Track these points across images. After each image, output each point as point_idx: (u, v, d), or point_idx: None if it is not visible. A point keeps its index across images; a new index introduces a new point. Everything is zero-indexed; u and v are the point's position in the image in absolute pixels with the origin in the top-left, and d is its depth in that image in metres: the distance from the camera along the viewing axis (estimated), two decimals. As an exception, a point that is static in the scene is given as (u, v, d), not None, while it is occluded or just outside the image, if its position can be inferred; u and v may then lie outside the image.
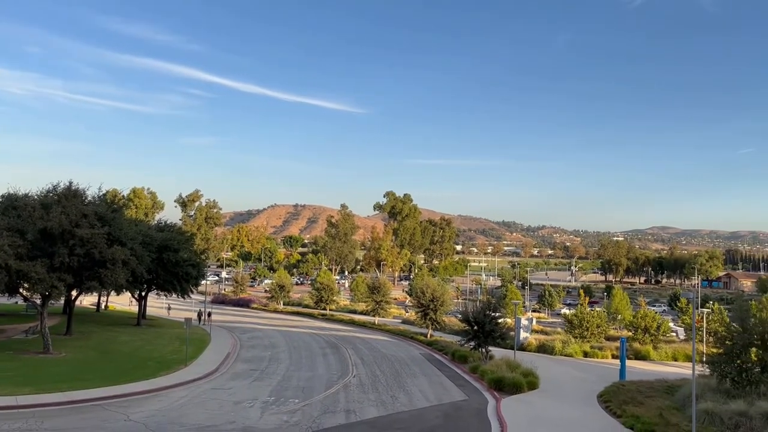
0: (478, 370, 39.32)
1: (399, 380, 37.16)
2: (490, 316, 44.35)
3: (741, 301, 42.82)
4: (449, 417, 28.24)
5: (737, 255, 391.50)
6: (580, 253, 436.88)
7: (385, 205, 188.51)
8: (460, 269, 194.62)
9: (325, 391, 32.87)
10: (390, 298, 76.10)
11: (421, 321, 58.90)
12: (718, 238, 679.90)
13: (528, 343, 55.08)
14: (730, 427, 28.19)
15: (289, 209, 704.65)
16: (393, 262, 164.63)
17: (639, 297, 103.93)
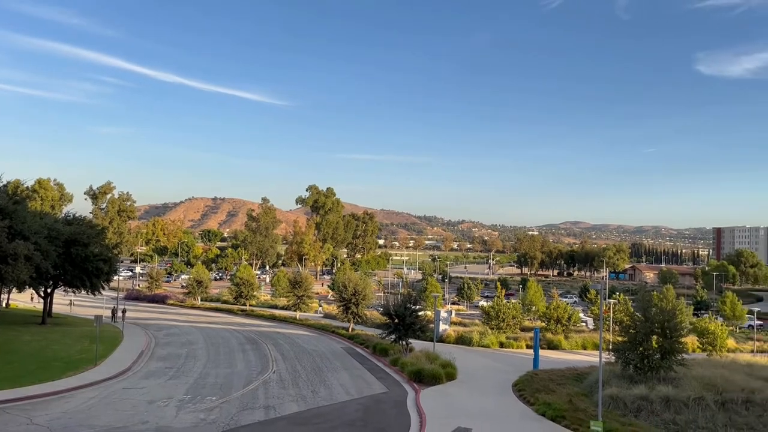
0: (399, 362, 39.78)
1: (320, 375, 37.03)
2: (411, 309, 44.92)
3: (644, 292, 45.64)
4: (369, 410, 28.43)
5: (642, 248, 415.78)
6: (497, 247, 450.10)
7: (308, 199, 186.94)
8: (382, 263, 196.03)
9: (244, 387, 32.29)
10: (312, 293, 75.65)
11: (342, 315, 58.93)
12: (625, 232, 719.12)
13: (447, 335, 56.23)
14: (633, 410, 29.96)
15: (207, 202, 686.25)
16: (315, 257, 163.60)
17: (552, 289, 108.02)
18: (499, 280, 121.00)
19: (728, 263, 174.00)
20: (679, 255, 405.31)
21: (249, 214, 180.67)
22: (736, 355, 50.70)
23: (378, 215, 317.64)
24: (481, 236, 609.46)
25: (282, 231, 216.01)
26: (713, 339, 50.53)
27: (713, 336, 50.63)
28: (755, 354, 52.87)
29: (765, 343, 60.11)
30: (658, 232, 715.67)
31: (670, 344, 35.70)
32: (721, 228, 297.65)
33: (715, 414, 29.41)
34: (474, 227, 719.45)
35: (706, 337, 51.13)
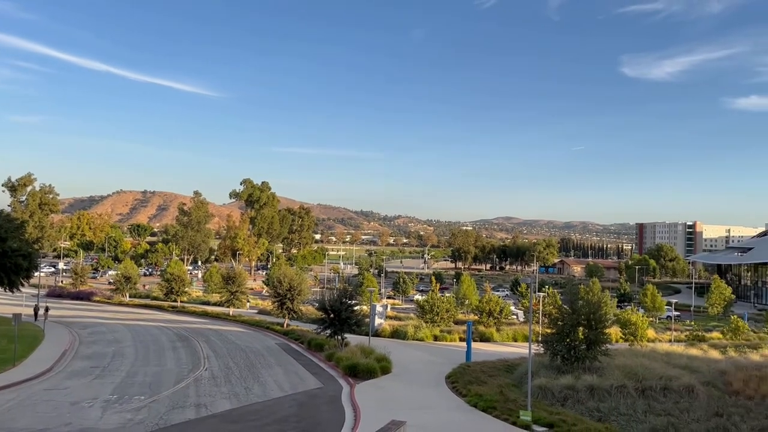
0: (334, 357, 39.72)
1: (253, 371, 36.52)
2: (347, 303, 44.90)
3: (571, 286, 47.29)
4: (304, 405, 28.28)
5: (570, 243, 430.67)
6: (432, 241, 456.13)
7: (242, 193, 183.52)
8: (318, 258, 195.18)
9: (174, 386, 31.47)
10: (246, 288, 74.42)
11: (277, 311, 58.26)
12: (554, 227, 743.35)
13: (382, 329, 56.56)
14: (560, 399, 31.05)
15: (137, 196, 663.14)
16: (250, 252, 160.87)
17: (485, 283, 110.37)
18: (433, 275, 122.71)
19: (649, 257, 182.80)
20: (604, 249, 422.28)
21: (180, 208, 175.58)
22: (655, 344, 53.27)
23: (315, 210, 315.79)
24: (417, 231, 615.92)
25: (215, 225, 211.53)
26: (635, 329, 52.91)
27: (635, 327, 53.00)
28: (673, 343, 55.74)
29: (682, 333, 63.49)
30: (586, 227, 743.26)
31: (595, 335, 37.14)
32: (643, 224, 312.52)
33: (635, 401, 30.87)
34: (410, 222, 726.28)
35: (628, 327, 53.48)
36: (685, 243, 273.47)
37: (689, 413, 28.72)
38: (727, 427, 26.45)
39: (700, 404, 30.66)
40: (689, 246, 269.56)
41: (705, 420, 27.51)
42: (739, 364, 40.90)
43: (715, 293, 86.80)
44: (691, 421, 27.22)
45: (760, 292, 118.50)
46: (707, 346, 52.51)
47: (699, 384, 33.89)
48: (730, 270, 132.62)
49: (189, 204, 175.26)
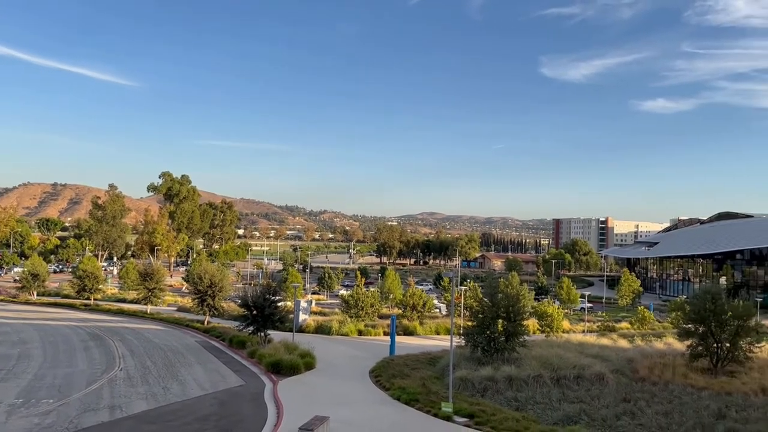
0: (257, 354, 39.13)
1: (172, 370, 35.40)
2: (270, 299, 44.32)
3: (491, 279, 48.60)
4: (225, 404, 27.70)
5: (491, 238, 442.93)
6: (358, 236, 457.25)
7: (161, 187, 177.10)
8: (241, 254, 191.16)
9: (87, 387, 30.03)
10: (164, 285, 72.01)
11: (198, 308, 56.71)
12: (476, 223, 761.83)
13: (307, 324, 56.20)
14: (480, 390, 31.91)
15: (46, 188, 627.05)
16: (169, 247, 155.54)
17: (409, 277, 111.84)
18: (359, 270, 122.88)
19: (565, 251, 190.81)
20: (523, 244, 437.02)
21: (94, 202, 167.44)
22: (570, 335, 55.64)
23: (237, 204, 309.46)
24: (343, 226, 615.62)
25: (132, 220, 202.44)
26: (551, 321, 55.04)
27: (551, 318, 55.13)
28: (586, 334, 58.41)
29: (594, 324, 66.62)
30: (506, 223, 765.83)
31: (513, 327, 38.40)
32: (559, 219, 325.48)
33: (551, 390, 32.16)
34: (336, 217, 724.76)
35: (544, 319, 55.55)
36: (598, 238, 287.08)
37: (600, 400, 30.21)
38: (634, 411, 28.01)
39: (609, 391, 32.29)
40: (602, 241, 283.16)
41: (614, 405, 29.01)
42: (645, 352, 43.40)
43: (624, 285, 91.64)
44: (601, 407, 28.63)
45: (664, 284, 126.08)
46: (617, 335, 55.34)
47: (609, 372, 35.69)
48: (638, 263, 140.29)
49: (104, 197, 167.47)
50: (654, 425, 25.78)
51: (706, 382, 34.68)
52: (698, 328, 39.00)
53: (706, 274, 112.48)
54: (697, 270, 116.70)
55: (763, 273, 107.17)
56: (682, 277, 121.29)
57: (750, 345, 38.55)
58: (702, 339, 38.53)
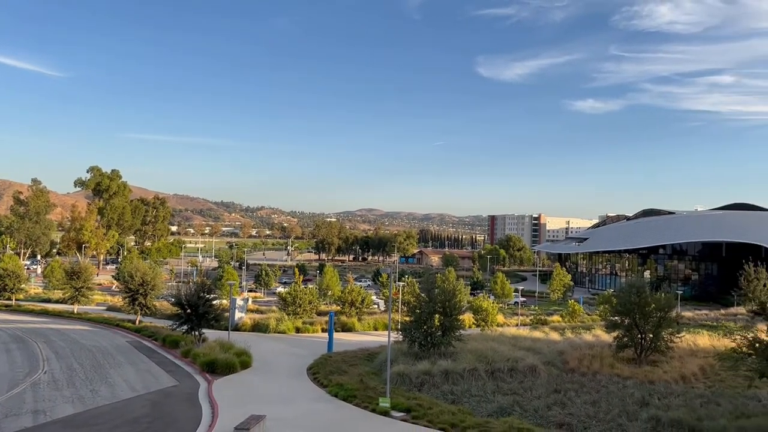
0: (191, 353, 38.23)
1: (101, 372, 34.12)
2: (205, 298, 43.40)
3: (429, 275, 49.05)
4: (157, 405, 26.95)
5: (429, 234, 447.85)
6: (296, 233, 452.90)
7: (89, 182, 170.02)
8: (175, 251, 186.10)
9: (8, 392, 28.54)
10: (93, 284, 69.22)
11: (129, 307, 54.84)
12: (414, 219, 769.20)
13: (243, 323, 55.34)
14: (417, 385, 32.28)
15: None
16: (98, 245, 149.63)
17: (348, 274, 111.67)
18: (297, 266, 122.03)
19: (500, 247, 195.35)
20: (460, 240, 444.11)
21: (16, 197, 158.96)
22: (504, 329, 57.05)
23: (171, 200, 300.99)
24: (281, 223, 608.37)
25: (57, 216, 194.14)
26: (486, 315, 56.22)
27: (486, 313, 56.32)
28: (519, 327, 60.02)
29: (527, 317, 68.49)
30: (443, 219, 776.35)
31: (450, 322, 39.02)
32: (494, 216, 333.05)
33: (485, 383, 32.87)
34: (273, 214, 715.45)
35: (480, 313, 56.70)
36: (531, 234, 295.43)
37: (532, 391, 31.12)
38: (564, 401, 29.01)
39: (541, 382, 33.31)
40: (534, 236, 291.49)
41: (545, 396, 29.95)
42: (575, 344, 44.95)
43: (556, 280, 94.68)
44: (533, 398, 29.51)
45: (593, 278, 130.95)
46: (549, 328, 57.10)
47: (541, 364, 36.79)
48: (569, 258, 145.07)
49: (26, 192, 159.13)
50: (582, 414, 26.78)
51: (631, 372, 36.29)
52: (624, 320, 40.70)
53: (631, 268, 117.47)
54: (623, 264, 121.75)
55: (684, 267, 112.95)
56: (610, 271, 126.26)
57: (671, 335, 40.53)
58: (627, 330, 40.24)
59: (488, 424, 24.26)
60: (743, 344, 27.31)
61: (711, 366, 37.01)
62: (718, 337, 48.43)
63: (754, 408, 28.13)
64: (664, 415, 25.90)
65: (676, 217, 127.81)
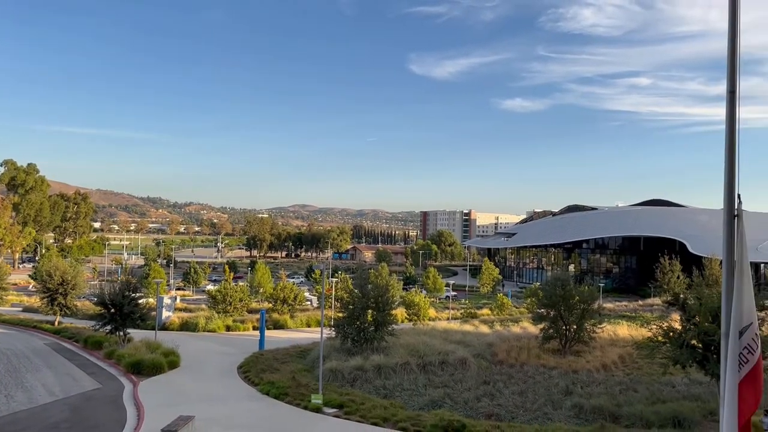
0: (115, 355, 36.85)
1: (17, 377, 32.35)
2: (130, 296, 41.88)
3: (362, 271, 49.31)
4: (78, 409, 25.83)
5: (362, 230, 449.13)
6: (227, 229, 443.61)
7: (3, 176, 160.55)
8: (98, 248, 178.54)
9: None
10: (7, 284, 65.42)
11: (47, 308, 52.18)
12: (348, 215, 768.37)
13: (171, 322, 53.82)
14: (350, 380, 32.32)
15: None
16: (13, 242, 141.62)
17: (280, 270, 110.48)
18: (227, 263, 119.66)
19: (431, 242, 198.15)
20: (393, 236, 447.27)
21: None
22: (435, 323, 57.92)
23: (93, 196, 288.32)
24: (210, 219, 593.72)
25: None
26: (418, 310, 56.97)
27: (418, 307, 57.07)
28: (450, 321, 61.07)
29: (458, 311, 69.80)
30: (377, 215, 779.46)
31: (383, 317, 39.24)
32: (426, 212, 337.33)
33: (417, 376, 33.29)
34: (203, 210, 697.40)
35: (412, 308, 57.40)
36: (462, 229, 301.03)
37: (462, 383, 31.77)
38: (493, 392, 29.79)
39: (471, 375, 34.05)
40: (465, 232, 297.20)
41: (475, 388, 30.65)
42: (503, 337, 46.20)
43: (485, 274, 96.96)
44: (463, 390, 30.14)
45: (521, 272, 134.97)
46: (478, 322, 58.43)
47: (471, 357, 37.59)
48: (498, 253, 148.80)
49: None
50: (510, 404, 27.58)
51: (556, 362, 37.64)
52: (550, 313, 42.14)
53: (557, 262, 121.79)
54: (549, 258, 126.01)
55: (605, 260, 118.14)
56: (537, 265, 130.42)
57: (593, 326, 42.27)
58: (553, 322, 41.69)
59: (420, 417, 24.61)
60: (658, 333, 28.89)
61: (630, 355, 38.83)
62: (636, 327, 50.88)
63: (668, 393, 29.77)
64: (587, 403, 27.04)
65: (598, 212, 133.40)
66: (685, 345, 26.96)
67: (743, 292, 7.24)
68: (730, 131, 7.22)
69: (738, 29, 7.14)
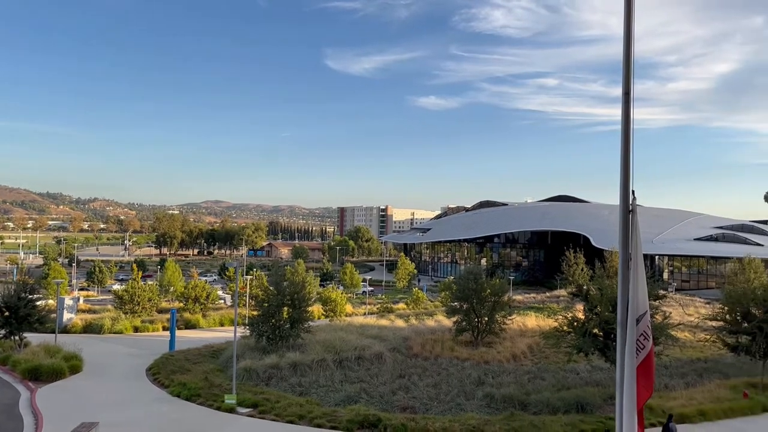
0: (10, 360, 34.47)
1: None
2: (27, 298, 39.24)
3: (278, 268, 48.61)
4: (-33, 421, 23.95)
5: (278, 226, 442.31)
6: (135, 227, 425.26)
7: None
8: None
9: None
10: None
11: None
12: (263, 211, 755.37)
13: (73, 324, 50.98)
14: (265, 379, 31.87)
15: None
16: None
17: (192, 268, 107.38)
18: (135, 262, 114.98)
19: (349, 238, 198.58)
20: (310, 232, 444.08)
21: None
22: (352, 318, 58.05)
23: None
24: (117, 216, 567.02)
25: None
26: (335, 306, 56.85)
27: (335, 303, 56.95)
28: (367, 316, 61.41)
29: (375, 306, 70.34)
30: (293, 211, 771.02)
31: (298, 314, 38.89)
32: (344, 208, 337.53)
33: (333, 372, 33.25)
34: (108, 206, 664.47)
35: (329, 304, 57.21)
36: (378, 225, 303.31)
37: (378, 378, 32.03)
38: (408, 386, 30.24)
39: (387, 369, 34.38)
40: (382, 228, 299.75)
41: (391, 382, 30.99)
42: (418, 330, 46.97)
43: (401, 269, 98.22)
44: (379, 385, 30.40)
45: (436, 266, 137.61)
46: (394, 316, 59.06)
47: (387, 351, 37.97)
48: (413, 248, 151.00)
49: None
50: (425, 396, 28.10)
51: (468, 354, 38.67)
52: (463, 306, 43.23)
53: (470, 256, 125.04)
54: (463, 253, 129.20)
55: (515, 254, 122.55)
56: (451, 259, 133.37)
57: (504, 318, 43.74)
58: (466, 315, 42.78)
59: (335, 413, 24.60)
60: (564, 323, 30.33)
61: (537, 344, 40.52)
62: (543, 317, 53.09)
63: (573, 380, 31.30)
64: (497, 392, 27.99)
65: (509, 208, 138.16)
66: (587, 334, 28.47)
67: (638, 282, 7.70)
68: (625, 131, 7.64)
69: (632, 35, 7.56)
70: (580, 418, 24.31)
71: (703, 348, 39.09)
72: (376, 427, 22.91)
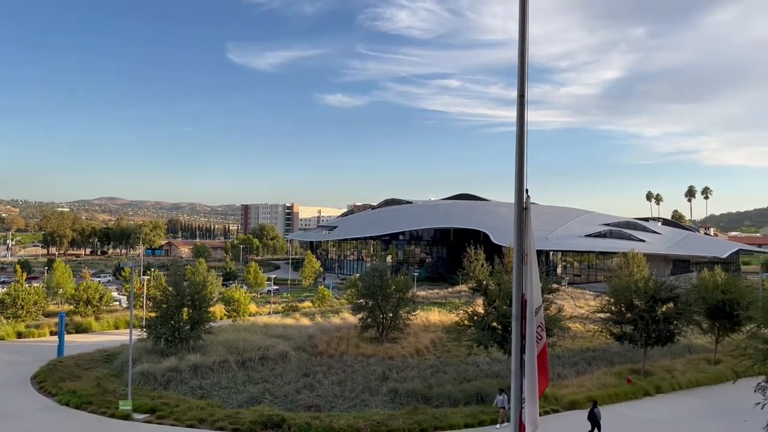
0: None
1: None
2: None
3: (177, 267, 46.89)
4: None
5: (178, 224, 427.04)
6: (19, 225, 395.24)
7: None
8: None
9: None
10: None
11: None
12: (162, 209, 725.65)
13: (-54, 331, 46.73)
14: (163, 383, 30.66)
15: None
16: None
17: (84, 269, 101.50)
18: (19, 263, 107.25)
19: (253, 236, 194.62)
20: (212, 230, 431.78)
21: None
22: (256, 318, 56.96)
23: None
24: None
25: None
26: (238, 306, 55.55)
27: (238, 303, 55.64)
28: (271, 315, 60.48)
29: (280, 305, 69.43)
30: (194, 208, 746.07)
31: (199, 315, 37.68)
32: (248, 205, 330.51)
33: (236, 373, 32.52)
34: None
35: (232, 304, 55.83)
36: (284, 223, 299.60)
37: (283, 377, 31.69)
38: (313, 384, 30.11)
39: (292, 368, 34.07)
40: (288, 225, 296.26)
41: (295, 381, 30.74)
42: (324, 328, 46.86)
43: (307, 267, 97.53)
44: (283, 384, 30.07)
45: (342, 264, 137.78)
46: (300, 315, 58.57)
47: (292, 350, 37.60)
48: (320, 246, 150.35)
49: None
50: (330, 394, 28.09)
51: (374, 350, 39.05)
52: (368, 302, 43.55)
53: (376, 253, 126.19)
54: (369, 250, 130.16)
55: (420, 251, 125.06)
56: (357, 257, 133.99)
57: (408, 314, 44.47)
58: (371, 312, 43.14)
59: (238, 414, 24.10)
60: (464, 318, 31.28)
61: (440, 339, 41.54)
62: (445, 312, 54.46)
63: (473, 373, 32.38)
64: (401, 387, 28.45)
65: (413, 206, 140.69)
66: (487, 327, 29.52)
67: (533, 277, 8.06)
68: (520, 132, 7.95)
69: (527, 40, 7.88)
70: (480, 409, 25.19)
71: (592, 338, 41.54)
72: (280, 428, 22.65)
